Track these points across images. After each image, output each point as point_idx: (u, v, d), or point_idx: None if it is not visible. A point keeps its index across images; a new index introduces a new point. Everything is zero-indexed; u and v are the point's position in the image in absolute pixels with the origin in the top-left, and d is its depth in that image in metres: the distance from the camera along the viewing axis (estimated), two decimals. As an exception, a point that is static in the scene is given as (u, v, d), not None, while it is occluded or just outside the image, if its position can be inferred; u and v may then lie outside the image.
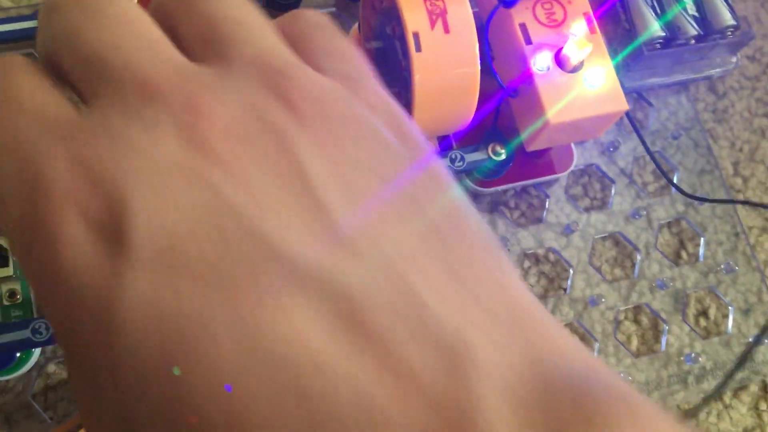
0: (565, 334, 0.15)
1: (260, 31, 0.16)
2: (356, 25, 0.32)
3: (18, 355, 0.27)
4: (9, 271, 0.27)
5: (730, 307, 0.34)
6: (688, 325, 0.33)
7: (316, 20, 0.18)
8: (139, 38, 0.15)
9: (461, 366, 0.13)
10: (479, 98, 0.26)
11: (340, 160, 0.15)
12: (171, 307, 0.12)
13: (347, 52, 0.18)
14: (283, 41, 0.17)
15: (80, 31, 0.15)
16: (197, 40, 0.16)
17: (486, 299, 0.14)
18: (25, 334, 0.24)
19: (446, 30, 0.24)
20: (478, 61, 0.25)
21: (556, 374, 0.14)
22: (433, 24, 0.24)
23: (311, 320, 0.13)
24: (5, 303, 0.27)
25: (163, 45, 0.15)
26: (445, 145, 0.31)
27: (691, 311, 0.33)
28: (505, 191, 0.33)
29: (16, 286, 0.27)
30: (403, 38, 0.24)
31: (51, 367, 0.28)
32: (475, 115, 0.27)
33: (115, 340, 0.13)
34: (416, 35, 0.24)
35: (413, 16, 0.24)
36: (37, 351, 0.27)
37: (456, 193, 0.16)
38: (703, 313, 0.34)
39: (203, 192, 0.13)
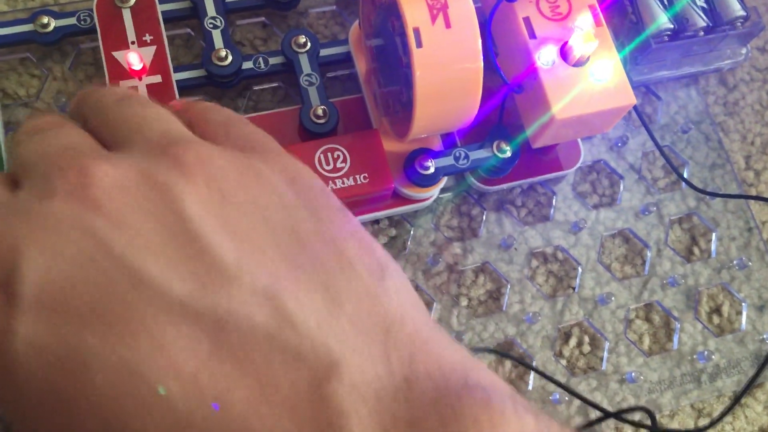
0: (444, 344, 0.17)
1: (163, 120, 0.19)
2: (357, 22, 0.31)
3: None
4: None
5: (743, 304, 0.33)
6: (701, 322, 0.32)
7: (221, 113, 0.21)
8: (57, 140, 0.18)
9: (326, 380, 0.15)
10: (483, 94, 0.25)
11: (223, 203, 0.17)
12: (54, 348, 0.15)
13: (247, 128, 0.20)
14: (184, 125, 0.20)
15: (22, 144, 0.19)
16: (113, 138, 0.19)
17: (360, 319, 0.16)
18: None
19: (447, 25, 0.24)
20: (481, 56, 0.24)
21: (424, 382, 0.15)
22: (434, 19, 0.24)
23: (184, 349, 0.15)
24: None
25: (78, 141, 0.18)
26: (449, 142, 0.30)
27: (704, 308, 0.33)
28: (511, 189, 0.33)
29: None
30: (403, 34, 0.24)
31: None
32: (478, 111, 0.26)
33: (8, 376, 0.15)
34: (417, 31, 0.23)
35: (413, 11, 0.23)
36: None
37: (347, 227, 0.18)
38: (716, 310, 0.33)
39: (88, 241, 0.15)
